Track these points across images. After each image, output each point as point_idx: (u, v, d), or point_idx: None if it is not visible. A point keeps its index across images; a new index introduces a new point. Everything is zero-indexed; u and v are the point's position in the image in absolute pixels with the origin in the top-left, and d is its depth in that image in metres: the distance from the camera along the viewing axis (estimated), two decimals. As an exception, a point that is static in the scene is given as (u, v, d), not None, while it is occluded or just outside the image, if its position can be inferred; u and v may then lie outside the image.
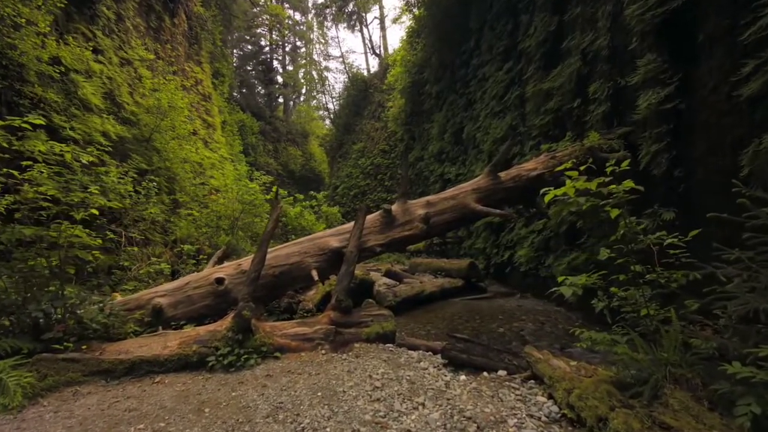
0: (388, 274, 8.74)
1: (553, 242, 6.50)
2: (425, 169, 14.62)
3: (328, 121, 37.02)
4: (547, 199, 2.45)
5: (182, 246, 6.86)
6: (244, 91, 33.23)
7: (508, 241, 8.25)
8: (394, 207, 4.42)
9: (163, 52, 12.19)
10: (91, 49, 8.32)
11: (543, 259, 6.68)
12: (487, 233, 9.45)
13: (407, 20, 18.88)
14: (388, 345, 3.56)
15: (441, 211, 4.37)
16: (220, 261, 5.40)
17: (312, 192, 13.81)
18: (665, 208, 4.29)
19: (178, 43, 13.73)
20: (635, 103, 4.72)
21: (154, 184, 7.63)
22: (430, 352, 3.42)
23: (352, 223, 4.10)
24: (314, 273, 3.98)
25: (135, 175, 7.73)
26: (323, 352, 3.40)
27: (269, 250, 4.11)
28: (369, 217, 4.33)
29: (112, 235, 6.01)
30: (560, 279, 2.41)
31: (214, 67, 20.02)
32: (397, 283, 8.28)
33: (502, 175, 4.54)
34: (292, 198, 9.82)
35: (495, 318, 5.60)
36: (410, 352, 3.45)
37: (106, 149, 7.08)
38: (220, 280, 3.91)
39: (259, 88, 35.30)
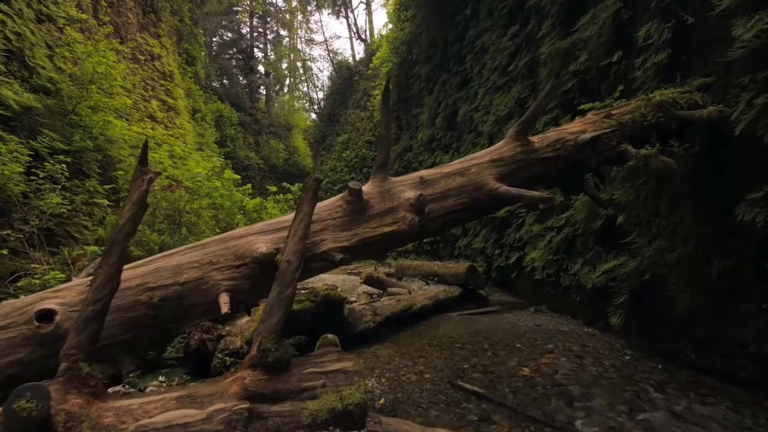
0: (369, 280, 7.20)
1: (580, 243, 5.04)
2: (414, 160, 13.24)
3: (313, 115, 35.05)
4: None
5: (85, 248, 5.10)
6: (225, 81, 31.10)
7: (515, 241, 6.79)
8: (366, 186, 2.65)
9: (105, 15, 10.29)
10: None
11: (566, 264, 5.24)
12: (487, 230, 8.00)
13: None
14: (349, 433, 1.94)
15: (442, 194, 2.59)
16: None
17: (285, 184, 12.06)
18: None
19: (128, 8, 11.82)
20: (714, 46, 3.25)
21: (63, 166, 5.85)
22: (426, 453, 1.84)
23: (293, 215, 2.36)
24: (223, 299, 2.19)
25: (47, 156, 6.06)
26: (217, 464, 1.72)
27: (147, 259, 2.39)
28: (323, 203, 2.57)
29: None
30: None
31: (182, 47, 18.26)
32: (381, 292, 6.75)
33: (535, 140, 2.83)
34: (249, 185, 8.02)
35: (511, 347, 4.09)
36: (389, 454, 1.85)
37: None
38: (46, 315, 2.08)
39: (240, 77, 33.17)
